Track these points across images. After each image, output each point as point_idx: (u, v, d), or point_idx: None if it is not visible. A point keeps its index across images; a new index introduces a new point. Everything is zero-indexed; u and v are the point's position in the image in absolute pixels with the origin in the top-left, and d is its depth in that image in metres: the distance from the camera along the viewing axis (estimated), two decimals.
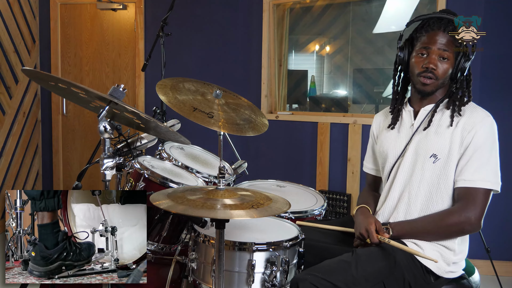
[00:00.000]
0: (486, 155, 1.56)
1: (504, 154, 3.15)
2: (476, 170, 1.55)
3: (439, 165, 1.60)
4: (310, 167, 3.79)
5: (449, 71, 1.64)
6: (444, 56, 1.62)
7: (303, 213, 2.11)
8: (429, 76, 1.63)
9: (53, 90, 1.66)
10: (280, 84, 4.13)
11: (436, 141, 1.62)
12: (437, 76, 1.63)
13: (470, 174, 1.55)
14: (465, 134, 1.57)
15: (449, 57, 1.62)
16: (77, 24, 4.41)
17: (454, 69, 1.64)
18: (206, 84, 1.87)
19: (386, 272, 1.53)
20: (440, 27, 1.62)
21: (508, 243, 3.16)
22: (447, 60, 1.62)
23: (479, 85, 3.15)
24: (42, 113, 4.49)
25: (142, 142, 1.86)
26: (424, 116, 1.69)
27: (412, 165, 1.67)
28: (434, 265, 1.57)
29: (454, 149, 1.58)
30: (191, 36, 4.12)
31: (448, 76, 1.65)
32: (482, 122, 1.57)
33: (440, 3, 3.17)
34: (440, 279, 1.59)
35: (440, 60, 1.63)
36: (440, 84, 1.66)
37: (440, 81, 1.65)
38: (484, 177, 1.54)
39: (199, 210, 1.38)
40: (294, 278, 1.56)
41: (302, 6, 4.32)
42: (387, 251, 1.57)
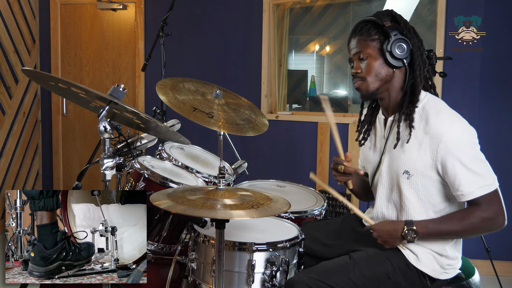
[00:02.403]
0: (468, 161, 1.47)
1: (504, 154, 3.17)
2: (468, 181, 1.47)
3: (414, 180, 1.55)
4: (310, 167, 3.78)
5: (375, 64, 1.56)
6: (360, 56, 1.58)
7: (303, 213, 2.11)
8: (356, 80, 1.61)
9: (53, 90, 1.66)
10: (280, 84, 4.13)
11: (404, 157, 1.55)
12: (363, 76, 1.58)
13: (465, 187, 1.47)
14: (435, 147, 1.48)
15: (366, 54, 1.56)
16: (77, 24, 4.41)
17: (382, 58, 1.56)
18: (206, 84, 1.87)
19: (383, 277, 1.53)
20: (351, 36, 1.61)
21: (508, 243, 3.15)
22: (367, 58, 1.57)
23: (479, 85, 3.14)
24: (42, 113, 4.49)
25: (142, 142, 1.86)
26: (389, 128, 1.64)
27: (390, 181, 1.63)
28: (429, 268, 1.55)
29: (426, 161, 1.51)
30: (191, 36, 4.12)
31: (383, 69, 1.56)
32: (449, 131, 1.47)
33: (440, 3, 3.17)
34: (437, 282, 1.59)
35: (360, 61, 1.59)
36: (377, 82, 1.57)
37: (373, 79, 1.57)
38: (479, 184, 1.47)
39: (199, 210, 1.38)
40: (289, 280, 1.56)
41: (302, 6, 4.32)
42: (384, 256, 1.57)
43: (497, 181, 1.52)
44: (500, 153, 3.15)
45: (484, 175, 1.49)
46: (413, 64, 1.56)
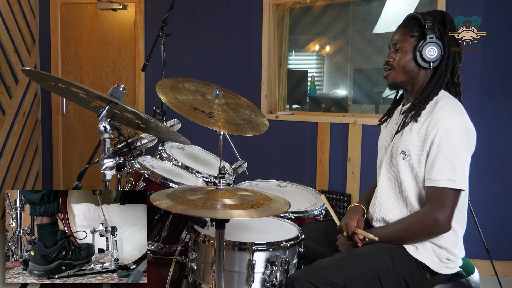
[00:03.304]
0: (452, 153, 1.51)
1: (504, 154, 3.17)
2: (441, 169, 1.51)
3: (408, 161, 1.60)
4: (310, 167, 3.79)
5: (405, 59, 1.64)
6: (397, 47, 1.66)
7: (303, 213, 2.11)
8: (386, 68, 1.70)
9: (53, 90, 1.66)
10: (280, 84, 4.13)
11: (405, 138, 1.62)
12: (393, 65, 1.67)
13: (436, 173, 1.52)
14: (430, 129, 1.54)
15: (402, 47, 1.64)
16: (77, 24, 4.41)
17: (413, 55, 1.63)
18: (206, 84, 1.87)
19: (383, 269, 1.55)
20: (399, 26, 1.69)
21: (508, 243, 3.16)
22: (401, 50, 1.65)
23: (479, 85, 3.15)
24: (42, 113, 4.49)
25: (142, 142, 1.86)
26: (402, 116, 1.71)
27: (389, 162, 1.69)
28: (428, 259, 1.58)
29: (420, 144, 1.57)
30: (191, 36, 4.12)
31: (410, 65, 1.64)
32: (448, 118, 1.53)
33: (440, 3, 3.17)
34: (437, 276, 1.60)
35: (395, 52, 1.67)
36: (402, 75, 1.66)
37: (399, 71, 1.65)
38: (449, 176, 1.51)
39: (199, 210, 1.38)
40: (289, 277, 1.56)
41: (302, 6, 4.32)
42: (384, 250, 1.58)
43: (466, 185, 1.54)
44: (500, 153, 3.15)
45: (457, 172, 1.51)
46: (438, 69, 1.62)
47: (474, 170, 3.13)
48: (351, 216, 1.70)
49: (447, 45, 1.60)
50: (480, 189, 3.10)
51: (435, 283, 1.60)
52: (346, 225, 1.68)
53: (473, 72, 3.13)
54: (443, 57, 1.61)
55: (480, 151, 2.83)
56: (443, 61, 1.61)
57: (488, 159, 3.12)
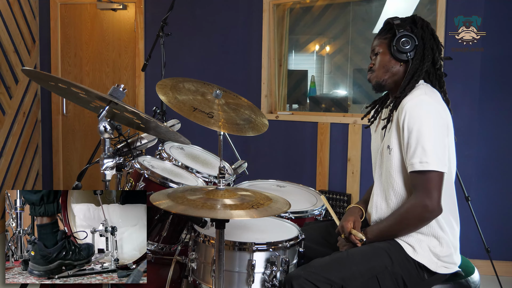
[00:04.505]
0: (420, 135, 1.51)
1: (504, 154, 3.17)
2: (415, 153, 1.51)
3: (393, 155, 1.61)
4: (310, 167, 3.79)
5: (384, 58, 1.69)
6: (375, 52, 1.73)
7: (303, 213, 2.11)
8: (368, 73, 1.76)
9: (53, 90, 1.66)
10: (280, 84, 4.13)
11: (389, 133, 1.65)
12: (373, 68, 1.73)
13: (410, 157, 1.53)
14: (400, 117, 1.56)
15: (379, 50, 1.71)
16: (77, 24, 4.41)
17: (389, 53, 1.68)
18: (206, 84, 1.87)
19: (381, 268, 1.55)
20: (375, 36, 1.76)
21: (508, 243, 3.16)
22: (379, 53, 1.71)
23: (479, 85, 3.14)
24: (42, 113, 4.49)
25: (142, 142, 1.86)
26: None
27: (380, 161, 1.71)
28: (426, 259, 1.58)
29: (398, 135, 1.59)
30: (191, 36, 4.12)
31: (389, 62, 1.68)
32: (412, 101, 1.55)
33: (440, 3, 3.17)
34: (435, 275, 1.60)
35: (375, 56, 1.74)
36: (383, 73, 1.70)
37: (380, 70, 1.70)
38: (422, 159, 1.50)
39: (199, 210, 1.39)
40: (287, 276, 1.56)
41: (302, 6, 4.32)
42: (382, 249, 1.59)
43: (443, 166, 1.52)
44: (500, 153, 3.15)
45: (427, 153, 1.50)
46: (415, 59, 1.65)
47: (474, 170, 3.14)
48: (347, 218, 1.72)
49: (420, 37, 1.64)
50: (480, 189, 3.10)
51: (433, 283, 1.60)
52: (342, 227, 1.70)
53: (473, 72, 3.13)
54: (418, 47, 1.64)
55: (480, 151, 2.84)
56: (418, 51, 1.64)
57: (488, 159, 3.12)
